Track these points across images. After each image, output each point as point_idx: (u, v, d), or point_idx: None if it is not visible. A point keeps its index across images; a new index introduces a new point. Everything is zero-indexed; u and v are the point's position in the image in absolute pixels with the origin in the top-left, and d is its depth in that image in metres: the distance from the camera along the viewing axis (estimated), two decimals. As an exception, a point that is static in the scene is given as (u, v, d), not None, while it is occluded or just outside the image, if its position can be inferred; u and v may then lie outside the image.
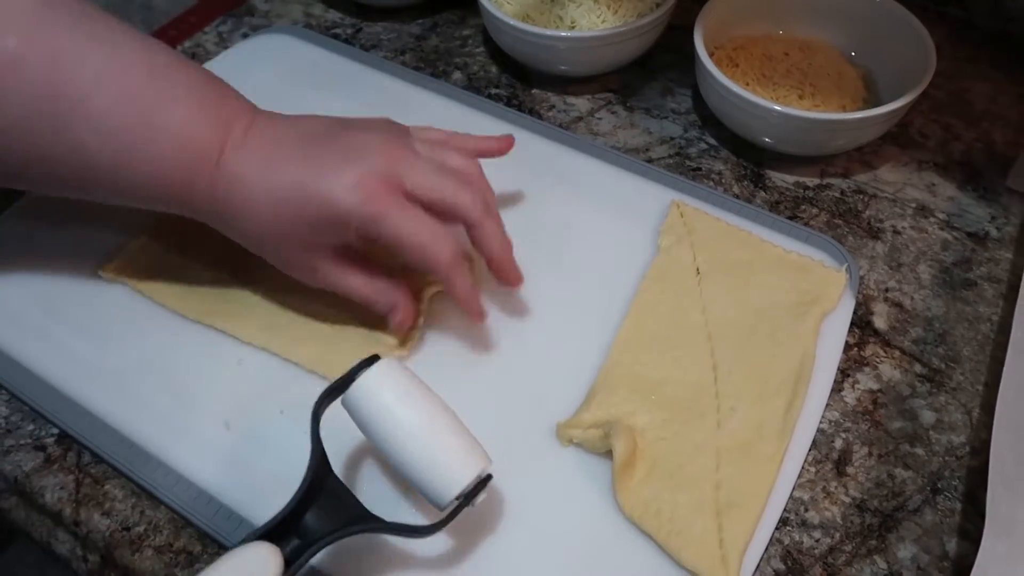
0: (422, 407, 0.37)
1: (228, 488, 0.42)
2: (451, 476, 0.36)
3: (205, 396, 0.45)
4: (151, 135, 0.40)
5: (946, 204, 0.56)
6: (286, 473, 0.38)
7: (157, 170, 0.41)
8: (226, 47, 0.67)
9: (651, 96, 0.64)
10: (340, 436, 0.40)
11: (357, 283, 0.43)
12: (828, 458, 0.44)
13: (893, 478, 0.43)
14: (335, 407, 0.38)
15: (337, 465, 0.38)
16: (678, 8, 0.61)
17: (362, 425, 0.37)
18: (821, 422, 0.44)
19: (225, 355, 0.47)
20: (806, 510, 0.42)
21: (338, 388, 0.38)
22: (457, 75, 0.66)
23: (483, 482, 0.37)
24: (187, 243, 0.50)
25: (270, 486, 0.41)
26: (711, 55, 0.57)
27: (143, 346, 0.47)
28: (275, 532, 0.35)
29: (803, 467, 0.43)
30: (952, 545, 0.41)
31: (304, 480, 0.36)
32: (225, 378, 0.46)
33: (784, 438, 0.42)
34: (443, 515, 0.36)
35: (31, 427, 0.45)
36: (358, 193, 0.39)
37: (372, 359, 0.38)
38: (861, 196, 0.56)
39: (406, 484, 0.40)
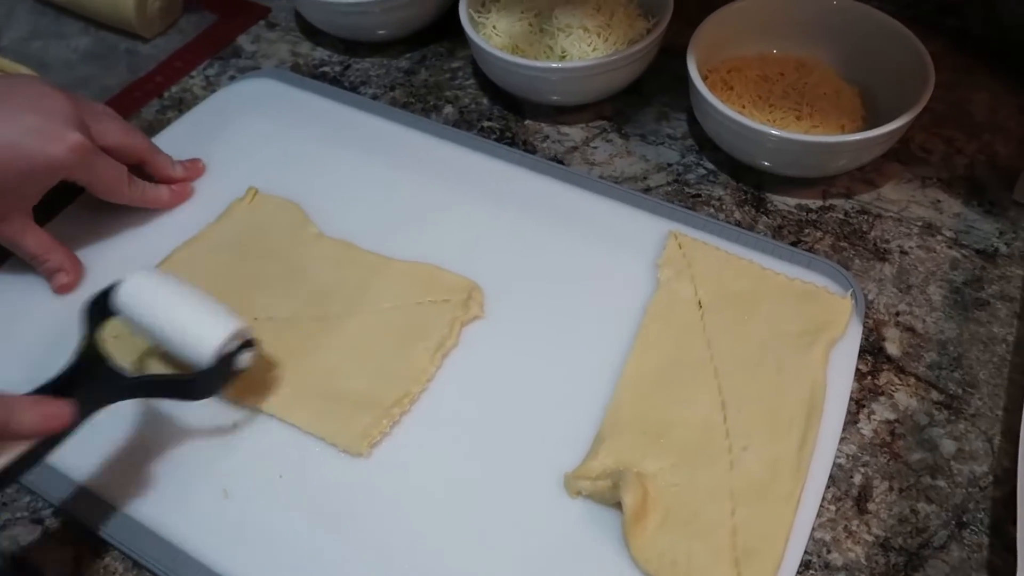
0: (177, 290, 0.44)
1: (230, 560, 0.40)
2: (210, 334, 0.42)
3: (200, 463, 0.44)
4: None
5: (952, 221, 0.54)
6: (290, 536, 0.37)
7: None
8: (214, 91, 0.67)
9: (646, 122, 0.63)
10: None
11: (31, 241, 0.50)
12: (848, 495, 0.42)
13: (916, 513, 0.41)
14: None
15: None
16: (670, 30, 0.60)
17: (137, 317, 0.44)
18: (838, 456, 0.43)
19: (219, 418, 0.45)
20: (828, 551, 0.40)
21: (107, 292, 0.44)
22: (448, 109, 0.65)
23: (246, 344, 0.43)
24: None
25: (272, 553, 0.40)
26: (705, 78, 0.56)
27: (132, 414, 0.46)
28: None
29: (822, 506, 0.41)
30: (981, 583, 0.39)
31: (72, 360, 0.41)
32: (220, 443, 0.45)
33: (800, 476, 0.41)
34: (207, 368, 0.42)
35: (27, 499, 0.44)
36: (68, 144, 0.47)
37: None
38: (866, 216, 0.55)
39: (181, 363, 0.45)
